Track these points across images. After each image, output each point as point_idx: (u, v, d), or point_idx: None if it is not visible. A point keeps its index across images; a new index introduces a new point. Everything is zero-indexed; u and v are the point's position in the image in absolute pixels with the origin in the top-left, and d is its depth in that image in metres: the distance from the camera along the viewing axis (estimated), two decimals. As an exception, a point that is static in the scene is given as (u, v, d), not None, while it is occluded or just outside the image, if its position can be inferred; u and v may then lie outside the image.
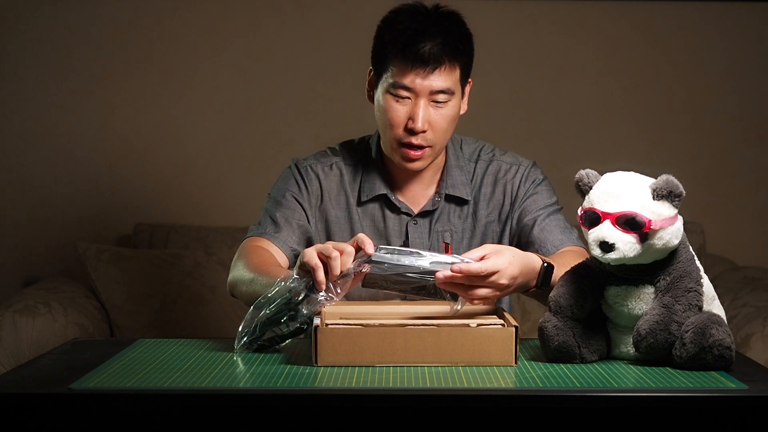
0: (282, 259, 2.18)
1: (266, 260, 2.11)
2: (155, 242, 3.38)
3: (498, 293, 1.87)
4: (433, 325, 1.78)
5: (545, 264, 1.95)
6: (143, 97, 3.52)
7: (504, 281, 1.86)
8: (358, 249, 1.85)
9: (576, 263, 2.05)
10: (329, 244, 1.83)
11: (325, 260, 1.82)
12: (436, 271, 1.83)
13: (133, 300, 3.14)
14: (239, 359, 1.85)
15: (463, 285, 1.84)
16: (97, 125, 3.52)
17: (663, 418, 1.62)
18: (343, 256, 1.81)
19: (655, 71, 3.57)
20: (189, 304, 3.19)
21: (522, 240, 2.23)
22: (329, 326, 1.79)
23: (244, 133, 3.55)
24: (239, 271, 2.10)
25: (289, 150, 2.40)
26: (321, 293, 1.81)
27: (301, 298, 1.85)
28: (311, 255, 1.82)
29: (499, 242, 2.25)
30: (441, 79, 2.11)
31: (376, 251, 1.84)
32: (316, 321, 1.79)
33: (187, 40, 3.52)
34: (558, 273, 1.95)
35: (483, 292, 1.85)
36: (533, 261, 1.94)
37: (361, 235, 1.85)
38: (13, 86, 3.50)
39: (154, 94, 3.52)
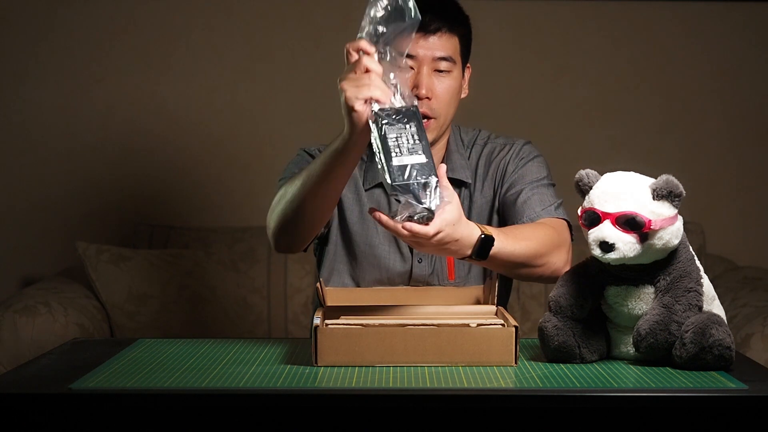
0: None
1: None
2: (155, 242, 3.38)
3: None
4: (433, 325, 1.78)
5: (483, 236, 1.90)
6: (143, 97, 3.52)
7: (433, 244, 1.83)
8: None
9: (538, 233, 2.04)
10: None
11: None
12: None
13: (133, 300, 3.14)
14: (239, 359, 1.85)
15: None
16: (97, 125, 3.52)
17: (663, 418, 1.62)
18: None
19: (655, 71, 3.57)
20: (189, 304, 3.19)
21: (504, 214, 2.24)
22: (329, 326, 1.79)
23: (244, 133, 3.55)
24: (281, 195, 2.06)
25: (289, 150, 2.40)
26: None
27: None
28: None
29: (489, 218, 2.27)
30: (441, 44, 2.17)
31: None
32: (316, 321, 1.79)
33: (187, 40, 3.52)
34: (504, 245, 1.93)
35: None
36: (471, 232, 1.88)
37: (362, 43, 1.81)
38: (13, 86, 3.50)
39: (154, 94, 3.52)
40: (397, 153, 1.78)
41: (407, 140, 1.79)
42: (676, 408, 1.62)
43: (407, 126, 1.80)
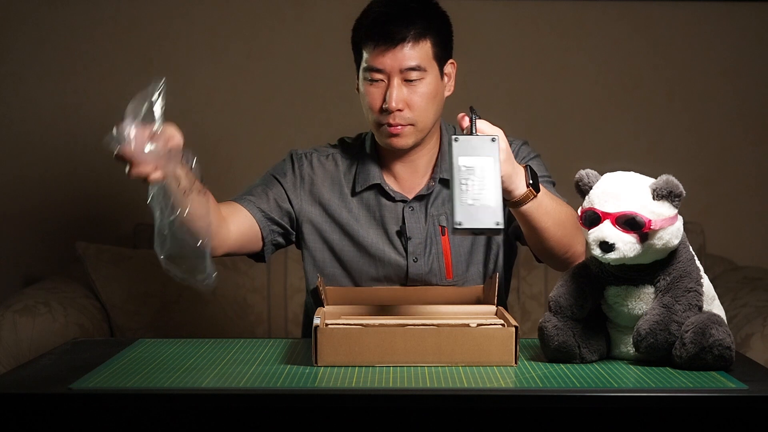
0: (241, 213, 2.21)
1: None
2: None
3: None
4: (433, 325, 1.78)
5: (526, 164, 1.96)
6: (143, 97, 3.52)
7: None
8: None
9: (560, 205, 2.05)
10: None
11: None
12: None
13: (133, 300, 3.14)
14: (239, 359, 1.84)
15: None
16: (97, 125, 3.51)
17: (663, 418, 1.62)
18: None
19: (655, 71, 3.57)
20: (189, 304, 3.19)
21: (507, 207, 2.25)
22: (329, 326, 1.79)
23: (244, 133, 3.55)
24: None
25: (288, 150, 2.40)
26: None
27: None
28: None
29: None
30: (408, 55, 2.14)
31: None
32: (317, 321, 1.79)
33: (187, 40, 3.52)
34: (545, 195, 1.98)
35: None
36: (518, 165, 1.94)
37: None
38: (13, 86, 3.50)
39: (154, 94, 3.52)
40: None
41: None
42: (676, 408, 1.62)
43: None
